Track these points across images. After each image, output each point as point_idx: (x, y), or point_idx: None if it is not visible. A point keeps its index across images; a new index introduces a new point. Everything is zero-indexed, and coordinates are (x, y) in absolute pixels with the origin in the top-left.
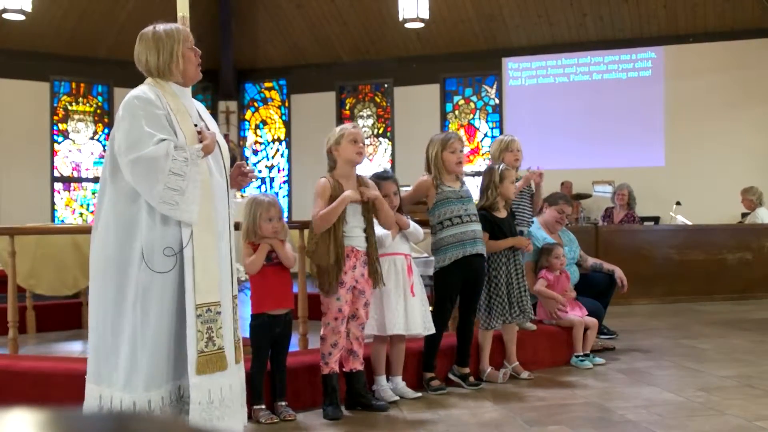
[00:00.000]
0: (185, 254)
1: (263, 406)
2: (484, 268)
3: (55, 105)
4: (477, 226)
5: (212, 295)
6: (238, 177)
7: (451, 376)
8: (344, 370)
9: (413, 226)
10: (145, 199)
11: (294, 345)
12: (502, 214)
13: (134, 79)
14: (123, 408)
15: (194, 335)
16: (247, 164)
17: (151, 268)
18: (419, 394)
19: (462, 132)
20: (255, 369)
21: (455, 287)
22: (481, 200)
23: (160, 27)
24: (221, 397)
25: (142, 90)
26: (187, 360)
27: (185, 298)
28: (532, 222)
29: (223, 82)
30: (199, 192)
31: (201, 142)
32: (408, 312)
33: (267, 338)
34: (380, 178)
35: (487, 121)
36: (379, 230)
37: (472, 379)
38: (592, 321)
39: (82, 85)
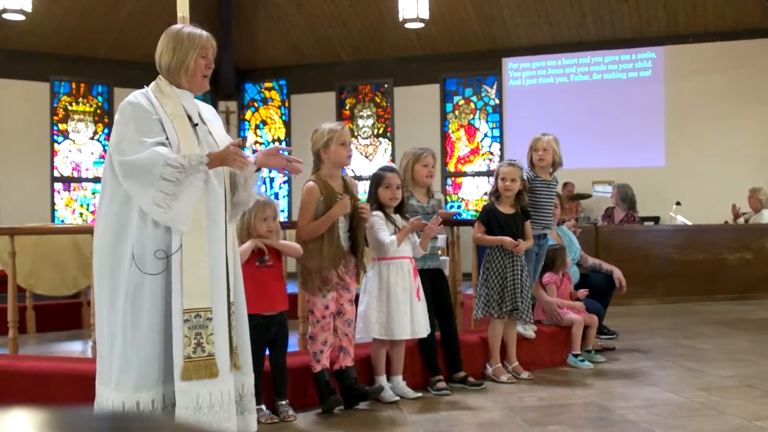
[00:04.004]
0: (174, 258)
1: (263, 406)
2: (445, 280)
3: (55, 105)
4: (435, 243)
5: (202, 301)
6: (273, 159)
7: (451, 385)
8: (335, 368)
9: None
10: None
11: (294, 345)
12: (507, 210)
13: (134, 79)
14: (114, 408)
15: (180, 340)
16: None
17: (141, 269)
18: (419, 394)
19: (462, 132)
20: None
21: (427, 291)
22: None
23: (187, 29)
24: (210, 403)
25: (134, 96)
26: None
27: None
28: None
29: (223, 82)
30: (194, 198)
31: (234, 153)
32: (414, 316)
33: (263, 339)
34: (386, 170)
35: (487, 121)
36: (384, 237)
37: (471, 379)
38: (593, 319)
39: (82, 85)
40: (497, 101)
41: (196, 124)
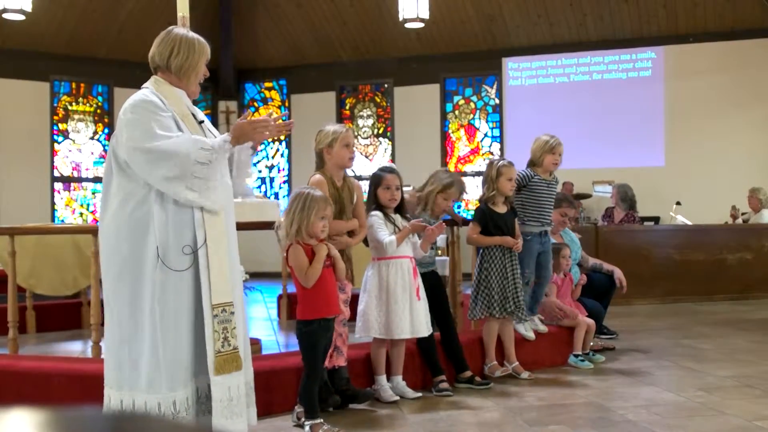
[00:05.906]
0: (201, 253)
1: (321, 420)
2: (440, 281)
3: (55, 105)
4: (431, 250)
5: (226, 296)
6: (254, 127)
7: (457, 386)
8: (328, 367)
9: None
10: (156, 197)
11: (294, 345)
12: (501, 209)
13: (134, 79)
14: (148, 410)
15: (211, 335)
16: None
17: (168, 266)
18: (419, 394)
19: (462, 132)
20: (310, 380)
21: (426, 291)
22: (483, 193)
23: (193, 35)
24: (239, 395)
25: (144, 94)
26: (203, 360)
27: (202, 298)
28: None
29: (223, 82)
30: (218, 180)
31: (252, 125)
32: (413, 315)
33: (322, 344)
34: (386, 171)
35: (487, 121)
36: (383, 237)
37: (478, 379)
38: (591, 323)
39: (82, 85)
40: (497, 101)
41: (202, 122)
